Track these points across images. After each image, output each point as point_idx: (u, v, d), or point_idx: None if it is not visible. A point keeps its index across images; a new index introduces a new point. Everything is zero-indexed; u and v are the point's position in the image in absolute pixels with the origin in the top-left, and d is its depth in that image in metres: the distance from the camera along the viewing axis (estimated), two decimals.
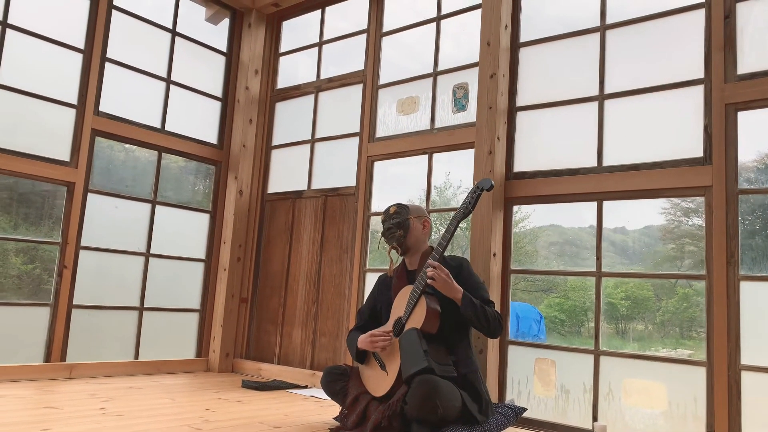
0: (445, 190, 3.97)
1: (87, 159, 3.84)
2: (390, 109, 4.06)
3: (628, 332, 5.19)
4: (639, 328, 4.89)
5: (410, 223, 2.73)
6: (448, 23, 3.86)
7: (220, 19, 4.78)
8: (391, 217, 2.76)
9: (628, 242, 3.18)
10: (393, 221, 2.74)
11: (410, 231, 2.73)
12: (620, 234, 3.13)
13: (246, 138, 4.63)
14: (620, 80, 3.07)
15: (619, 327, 5.11)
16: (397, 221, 2.73)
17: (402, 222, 2.73)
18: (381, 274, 3.01)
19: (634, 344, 4.73)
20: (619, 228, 3.09)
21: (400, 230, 2.72)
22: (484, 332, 2.54)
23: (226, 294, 4.42)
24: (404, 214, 2.75)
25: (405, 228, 2.72)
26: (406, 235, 2.72)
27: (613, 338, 3.16)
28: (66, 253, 3.72)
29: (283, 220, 4.52)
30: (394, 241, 2.74)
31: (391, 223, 2.75)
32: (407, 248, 2.74)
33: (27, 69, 3.65)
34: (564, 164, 3.18)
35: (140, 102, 4.20)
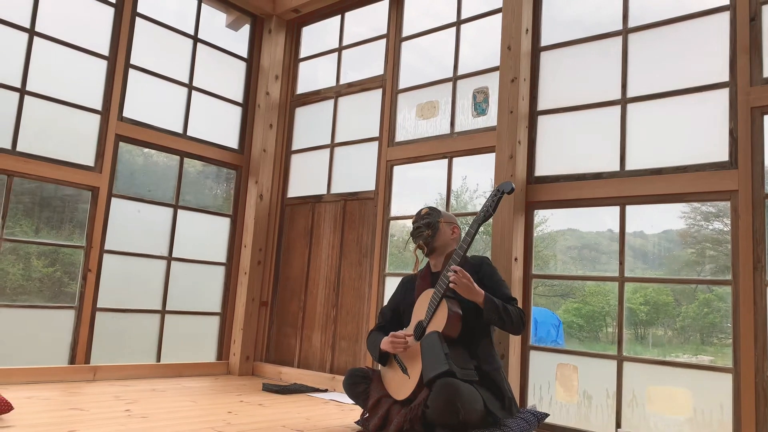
0: (461, 194, 3.98)
1: (111, 164, 3.90)
2: (409, 113, 4.07)
3: (647, 338, 5.14)
4: (658, 334, 4.83)
5: (439, 226, 2.75)
6: (468, 27, 3.86)
7: (241, 25, 4.83)
8: (421, 218, 2.80)
9: (648, 247, 3.15)
10: (423, 221, 2.77)
11: (438, 233, 2.74)
12: (639, 238, 3.10)
13: (266, 143, 4.66)
14: (643, 84, 3.05)
15: (638, 332, 5.05)
16: (427, 221, 2.76)
17: (432, 223, 2.75)
18: (405, 276, 3.02)
19: (653, 350, 4.67)
20: (637, 232, 3.07)
21: (429, 230, 2.74)
22: (507, 331, 2.54)
23: (247, 297, 4.46)
24: (435, 216, 2.78)
25: (434, 229, 2.74)
26: (434, 236, 2.74)
27: (633, 344, 3.13)
28: (90, 257, 3.78)
29: (302, 225, 4.55)
30: (421, 240, 2.75)
31: (420, 223, 2.78)
32: (433, 249, 2.75)
33: (53, 76, 3.72)
34: (586, 168, 3.16)
35: (163, 107, 4.25)
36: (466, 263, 2.66)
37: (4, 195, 3.48)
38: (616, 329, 2.98)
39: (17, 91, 3.56)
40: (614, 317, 5.97)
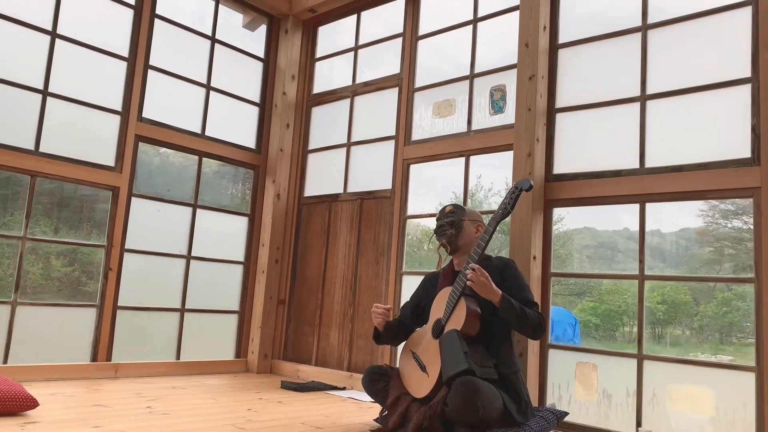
0: (476, 193, 3.96)
1: (131, 164, 3.95)
2: (426, 112, 4.07)
3: (665, 337, 5.08)
4: (676, 333, 4.78)
5: (463, 225, 2.73)
6: (485, 25, 3.85)
7: (258, 26, 4.86)
8: (445, 215, 2.78)
9: (665, 245, 3.12)
10: (447, 219, 2.75)
11: (462, 232, 2.73)
12: (656, 237, 3.07)
13: (283, 142, 4.69)
14: (663, 80, 3.02)
15: (655, 331, 5.00)
16: (451, 220, 2.74)
17: (455, 221, 2.73)
18: (428, 273, 3.02)
19: (671, 349, 4.62)
20: (654, 231, 3.04)
21: (452, 229, 2.72)
22: (524, 334, 2.53)
23: (265, 296, 4.49)
24: (459, 214, 2.75)
25: (457, 228, 2.72)
26: (457, 234, 2.72)
27: (650, 343, 3.10)
28: (111, 256, 3.83)
29: (319, 223, 4.57)
30: (444, 239, 2.74)
31: (444, 221, 2.76)
32: (456, 248, 2.74)
33: (75, 77, 3.77)
34: (605, 166, 3.14)
35: (181, 108, 4.29)
36: (490, 264, 2.65)
37: (27, 195, 3.53)
38: (635, 328, 2.96)
39: (40, 92, 3.61)
40: (631, 316, 5.92)
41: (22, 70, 3.56)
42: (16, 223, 3.51)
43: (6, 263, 3.48)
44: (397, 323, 2.88)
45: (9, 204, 3.52)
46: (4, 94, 3.48)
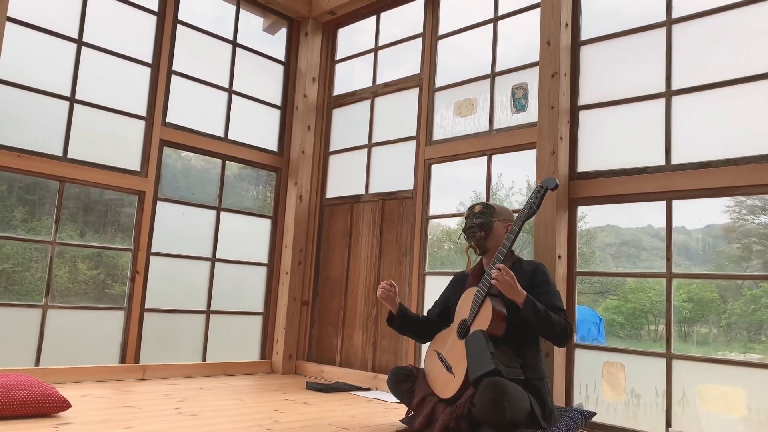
0: (497, 192, 3.94)
1: (156, 168, 4.01)
2: (447, 111, 4.06)
3: (691, 335, 5.01)
4: (703, 331, 4.70)
5: (493, 226, 2.69)
6: (505, 24, 3.83)
7: (278, 29, 4.89)
8: (475, 216, 2.73)
9: (690, 242, 3.08)
10: (476, 221, 2.71)
11: (492, 233, 2.69)
12: (681, 234, 3.02)
13: (305, 144, 4.72)
14: (688, 75, 2.98)
15: (681, 330, 4.93)
16: (481, 222, 2.70)
17: (485, 223, 2.69)
18: (457, 272, 3.00)
19: (699, 348, 4.55)
20: (679, 227, 2.99)
21: (482, 231, 2.69)
22: (548, 339, 2.50)
23: (288, 297, 4.52)
24: (489, 215, 2.71)
25: (487, 230, 2.68)
26: (487, 237, 2.69)
27: (677, 341, 3.06)
28: (138, 259, 3.88)
29: (341, 225, 4.58)
30: (474, 241, 2.71)
31: (473, 222, 2.72)
32: (486, 249, 2.71)
33: (100, 84, 3.83)
34: (630, 163, 3.10)
35: (204, 112, 4.34)
36: (520, 268, 2.63)
37: (56, 201, 3.60)
38: (660, 326, 2.93)
39: (67, 99, 3.68)
40: (656, 315, 5.82)
41: (50, 78, 3.63)
42: (44, 227, 3.59)
43: (34, 266, 3.55)
44: (419, 317, 2.88)
45: (36, 209, 3.59)
46: (33, 102, 3.55)
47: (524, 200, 3.70)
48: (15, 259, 3.49)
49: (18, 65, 3.48)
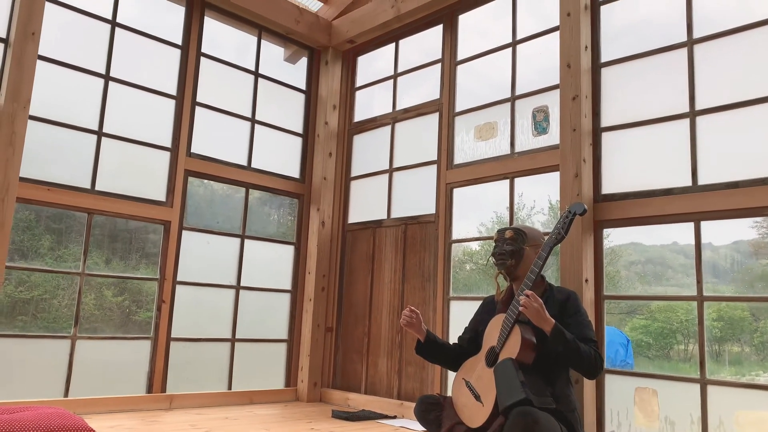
0: (518, 211, 3.92)
1: (181, 198, 4.06)
2: (467, 135, 4.07)
3: (723, 355, 4.87)
4: (734, 351, 4.58)
5: (524, 253, 2.62)
6: (524, 47, 3.84)
7: (298, 58, 4.97)
8: (505, 241, 2.66)
9: (717, 259, 3.01)
10: (507, 247, 2.64)
11: (523, 261, 2.62)
12: (708, 250, 2.96)
13: (326, 171, 4.75)
14: (712, 95, 2.95)
15: (712, 349, 4.80)
16: (511, 249, 2.63)
17: (516, 251, 2.62)
18: (486, 297, 2.96)
19: (731, 368, 4.43)
20: (705, 244, 2.93)
21: (512, 259, 2.62)
22: (577, 370, 2.43)
23: (312, 324, 4.51)
24: (520, 241, 2.63)
25: (518, 257, 2.62)
26: (517, 264, 2.62)
27: (708, 362, 2.99)
28: (164, 289, 3.92)
29: (364, 250, 4.58)
30: (504, 269, 2.65)
31: (504, 249, 2.64)
32: (516, 277, 2.66)
33: (127, 117, 3.92)
34: (656, 184, 3.07)
35: (228, 141, 4.41)
36: (551, 295, 2.59)
37: (84, 232, 3.67)
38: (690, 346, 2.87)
39: (95, 133, 3.77)
40: (686, 334, 5.72)
41: (79, 113, 3.72)
42: (70, 255, 3.64)
43: (61, 294, 3.60)
44: (449, 345, 2.84)
45: (63, 236, 3.66)
46: (62, 137, 3.64)
47: (546, 220, 3.68)
48: (43, 287, 3.55)
49: (48, 102, 3.58)
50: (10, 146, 3.24)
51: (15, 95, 3.28)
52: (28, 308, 3.49)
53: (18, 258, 3.45)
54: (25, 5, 3.36)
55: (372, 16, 4.53)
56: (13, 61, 3.30)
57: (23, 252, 3.49)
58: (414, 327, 2.74)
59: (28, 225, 3.54)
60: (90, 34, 3.81)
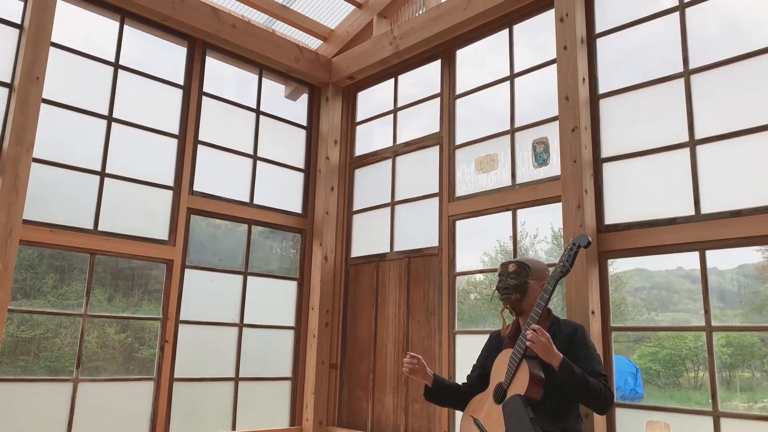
0: (521, 240, 3.92)
1: (183, 237, 4.06)
2: (468, 167, 4.08)
3: (733, 381, 4.79)
4: (745, 376, 4.51)
5: (528, 287, 2.58)
6: (522, 80, 3.89)
7: (299, 95, 5.03)
8: (508, 276, 2.62)
9: (724, 283, 2.99)
10: (511, 281, 2.60)
11: (527, 295, 2.58)
12: (713, 275, 2.94)
13: (328, 205, 4.76)
14: (711, 124, 2.96)
15: (722, 376, 4.72)
16: (515, 283, 2.59)
17: (520, 284, 2.58)
18: (493, 331, 2.92)
19: (742, 395, 4.35)
20: (710, 268, 2.91)
21: (517, 294, 2.58)
22: (587, 405, 2.39)
23: (317, 361, 4.46)
24: (524, 275, 2.60)
25: (522, 291, 2.58)
26: (522, 299, 2.58)
27: (719, 389, 2.94)
28: (167, 328, 3.89)
29: (367, 284, 4.56)
30: (509, 303, 2.61)
31: (508, 283, 2.61)
32: (522, 311, 2.62)
33: (129, 157, 3.95)
34: (659, 214, 3.06)
35: (230, 179, 4.43)
36: (558, 329, 2.55)
37: (87, 273, 3.66)
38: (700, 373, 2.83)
39: (98, 174, 3.79)
40: (695, 361, 5.62)
41: (82, 154, 3.74)
42: (73, 293, 3.62)
43: (64, 332, 3.57)
44: (458, 386, 2.79)
45: (66, 275, 3.64)
46: (66, 178, 3.66)
47: (549, 248, 3.66)
48: (45, 326, 3.52)
49: (52, 144, 3.61)
50: (13, 189, 3.25)
51: (19, 139, 3.31)
52: (30, 348, 3.46)
53: (20, 297, 3.43)
54: (29, 50, 3.41)
55: (371, 53, 4.59)
56: (18, 105, 3.33)
57: (26, 291, 3.47)
58: (418, 373, 2.68)
59: (31, 263, 3.53)
60: (93, 76, 3.86)
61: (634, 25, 3.35)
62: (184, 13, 4.07)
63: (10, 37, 3.48)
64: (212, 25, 4.21)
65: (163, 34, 4.18)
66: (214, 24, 4.23)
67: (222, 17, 4.28)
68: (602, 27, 3.47)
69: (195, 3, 4.14)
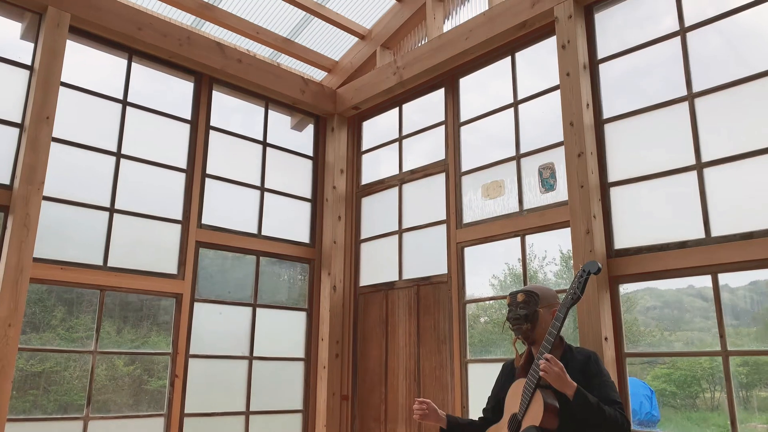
0: (529, 263, 3.90)
1: (192, 270, 4.07)
2: (475, 194, 4.09)
3: (750, 401, 4.71)
4: (762, 395, 4.43)
5: (539, 315, 2.55)
6: (526, 106, 3.91)
7: (305, 126, 5.08)
8: (518, 306, 2.59)
9: (736, 300, 2.96)
10: (520, 311, 2.57)
11: (538, 323, 2.55)
12: (725, 292, 2.91)
13: (336, 234, 4.77)
14: (718, 147, 2.96)
15: (739, 395, 4.65)
16: (525, 313, 2.56)
17: (530, 314, 2.55)
18: (506, 361, 2.89)
19: (760, 415, 4.27)
20: (722, 285, 2.88)
21: (528, 324, 2.55)
22: None
23: (328, 392, 4.42)
24: (533, 304, 2.57)
25: (533, 321, 2.55)
26: (533, 328, 2.55)
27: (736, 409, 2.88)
28: (177, 363, 3.87)
29: (377, 313, 4.53)
30: (520, 334, 2.57)
31: (517, 313, 2.58)
32: (534, 340, 2.58)
33: (138, 192, 3.98)
34: (669, 237, 3.05)
35: (238, 211, 4.45)
36: (571, 357, 2.52)
37: (97, 309, 3.66)
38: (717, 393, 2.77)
39: (107, 210, 3.81)
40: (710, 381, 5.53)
41: (91, 191, 3.78)
42: (82, 325, 3.62)
43: (73, 366, 3.55)
44: (474, 422, 2.75)
45: (74, 308, 3.64)
46: (75, 215, 3.69)
47: (559, 270, 3.64)
48: (54, 359, 3.51)
49: (61, 181, 3.64)
50: (24, 228, 3.28)
51: (29, 178, 3.35)
52: (39, 381, 3.45)
53: (30, 330, 3.43)
54: (40, 91, 3.47)
55: (375, 83, 4.64)
56: (28, 145, 3.38)
57: (35, 324, 3.47)
58: (430, 417, 2.64)
59: (40, 297, 3.54)
60: (102, 113, 3.91)
61: (635, 51, 3.38)
62: (190, 50, 4.14)
63: (21, 78, 3.55)
64: (218, 61, 4.28)
65: (170, 70, 4.25)
66: (220, 59, 4.29)
67: (228, 52, 4.35)
68: (604, 53, 3.50)
69: (201, 39, 4.22)
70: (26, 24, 3.63)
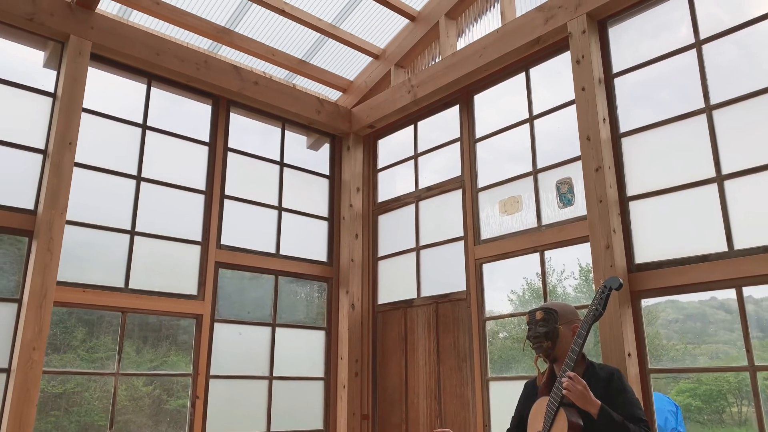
0: (549, 276, 3.87)
1: (212, 291, 4.10)
2: (492, 210, 4.08)
3: None
4: None
5: (559, 332, 2.53)
6: (542, 121, 3.90)
7: (321, 145, 5.12)
8: (537, 324, 2.57)
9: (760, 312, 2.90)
10: (540, 329, 2.55)
11: (559, 341, 2.52)
12: (750, 304, 2.85)
13: (353, 252, 4.78)
14: (738, 158, 2.93)
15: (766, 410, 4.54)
16: (545, 331, 2.53)
17: (549, 332, 2.53)
18: (528, 380, 2.86)
19: None
20: (746, 297, 2.83)
21: (548, 341, 2.52)
22: None
23: (348, 412, 4.40)
24: (552, 321, 2.54)
25: (553, 338, 2.52)
26: (554, 346, 2.53)
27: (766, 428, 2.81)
28: (198, 384, 3.88)
29: (396, 331, 4.52)
30: (541, 352, 2.55)
31: (537, 332, 2.56)
32: (555, 358, 2.55)
33: (158, 214, 4.02)
34: (690, 251, 3.01)
35: (256, 231, 4.48)
36: (594, 374, 2.49)
37: (119, 331, 3.69)
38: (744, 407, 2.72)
39: (128, 233, 3.86)
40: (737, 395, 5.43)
41: (112, 214, 3.83)
42: (101, 345, 3.65)
43: (93, 386, 3.57)
44: None
45: (95, 328, 3.67)
46: (96, 239, 3.74)
47: (578, 284, 3.61)
48: (75, 380, 3.54)
49: (83, 205, 3.70)
50: (48, 252, 3.33)
51: (53, 203, 3.41)
52: (60, 403, 3.48)
53: (51, 351, 3.47)
54: (63, 117, 3.55)
55: (390, 102, 4.68)
56: (51, 170, 3.45)
57: (56, 345, 3.51)
58: None
59: (60, 318, 3.58)
60: (122, 137, 3.98)
61: (650, 64, 3.37)
62: (208, 74, 4.21)
63: (44, 105, 3.63)
64: (235, 83, 4.34)
65: (188, 93, 4.32)
66: (237, 82, 4.36)
67: (244, 75, 4.42)
68: (619, 66, 3.50)
69: (218, 63, 4.29)
70: (49, 52, 3.72)
